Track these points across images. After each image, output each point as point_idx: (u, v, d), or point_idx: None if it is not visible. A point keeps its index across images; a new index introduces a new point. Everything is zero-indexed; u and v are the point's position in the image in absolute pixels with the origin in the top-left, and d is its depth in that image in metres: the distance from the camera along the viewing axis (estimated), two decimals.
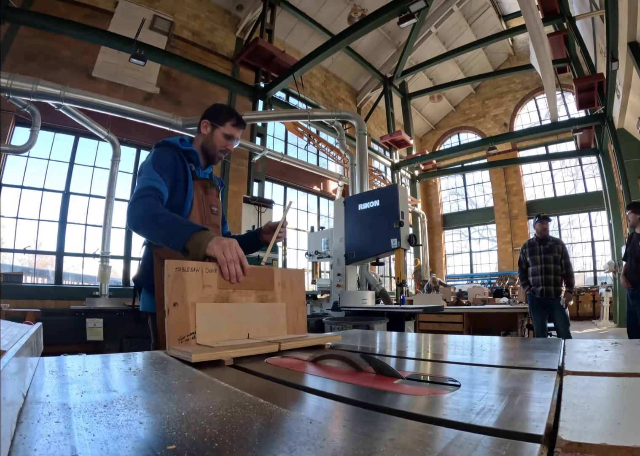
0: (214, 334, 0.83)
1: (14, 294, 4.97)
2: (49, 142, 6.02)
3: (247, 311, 0.91)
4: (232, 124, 1.40)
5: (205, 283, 0.85)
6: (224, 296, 0.88)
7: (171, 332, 0.76)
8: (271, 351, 0.75)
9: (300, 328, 1.02)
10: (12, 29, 5.34)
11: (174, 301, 0.78)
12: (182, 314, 0.79)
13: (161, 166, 1.25)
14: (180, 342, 0.77)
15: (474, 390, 0.45)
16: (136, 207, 1.10)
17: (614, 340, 0.81)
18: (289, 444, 0.30)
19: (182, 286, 0.80)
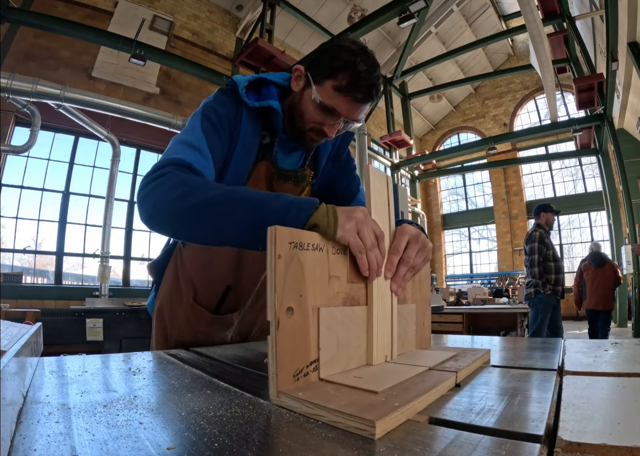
0: (342, 359, 0.49)
1: (14, 294, 4.97)
2: (48, 142, 6.03)
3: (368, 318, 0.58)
4: (338, 85, 0.74)
5: (332, 272, 0.50)
6: (355, 295, 0.53)
7: (282, 363, 0.41)
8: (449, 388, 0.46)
9: (426, 339, 0.72)
10: (12, 29, 5.34)
11: (287, 305, 0.42)
12: (299, 328, 0.44)
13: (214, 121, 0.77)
14: (295, 379, 0.43)
15: (473, 390, 0.45)
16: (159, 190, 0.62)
17: (614, 340, 0.81)
18: (288, 444, 0.30)
19: (301, 277, 0.45)
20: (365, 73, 0.74)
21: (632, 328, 6.09)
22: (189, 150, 0.71)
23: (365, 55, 0.75)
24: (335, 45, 0.77)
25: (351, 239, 0.51)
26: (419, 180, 12.03)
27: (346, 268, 0.52)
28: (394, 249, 0.58)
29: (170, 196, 0.60)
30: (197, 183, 0.61)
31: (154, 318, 0.99)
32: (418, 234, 0.61)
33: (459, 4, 10.20)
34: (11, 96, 4.56)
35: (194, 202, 0.58)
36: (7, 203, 5.61)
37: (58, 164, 6.16)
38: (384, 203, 0.60)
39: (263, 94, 0.82)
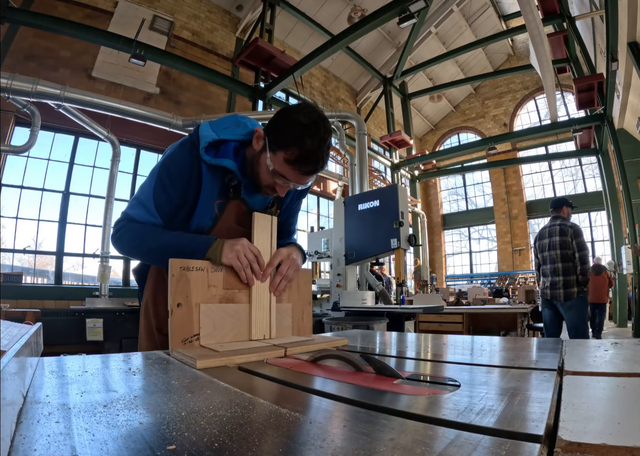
0: (218, 335, 0.81)
1: (14, 294, 4.97)
2: (48, 142, 6.03)
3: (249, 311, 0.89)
4: (288, 158, 0.85)
5: (211, 282, 0.82)
6: (229, 296, 0.85)
7: (174, 333, 0.74)
8: (277, 357, 0.73)
9: (306, 330, 1.00)
10: (12, 29, 5.35)
11: (177, 302, 0.76)
12: (186, 315, 0.77)
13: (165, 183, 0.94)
14: (183, 344, 0.75)
15: (473, 390, 0.45)
16: (122, 241, 0.94)
17: (614, 340, 0.81)
18: (288, 444, 0.30)
19: (187, 286, 0.78)
20: (312, 149, 0.84)
21: (632, 328, 6.09)
22: (139, 208, 0.94)
23: (317, 128, 0.84)
24: (290, 117, 0.86)
25: (232, 262, 0.84)
26: (419, 180, 12.04)
27: (221, 280, 0.84)
28: (269, 264, 0.91)
29: (131, 244, 0.94)
30: (146, 235, 0.91)
31: (141, 315, 1.10)
32: (289, 255, 0.94)
33: (459, 4, 10.20)
34: (11, 96, 4.56)
35: (146, 249, 0.92)
36: (7, 203, 5.61)
37: (58, 164, 6.16)
38: (267, 237, 0.94)
39: (221, 151, 0.95)
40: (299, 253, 1.01)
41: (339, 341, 0.89)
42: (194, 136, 0.96)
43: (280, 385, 0.52)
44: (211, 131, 0.96)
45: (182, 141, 0.98)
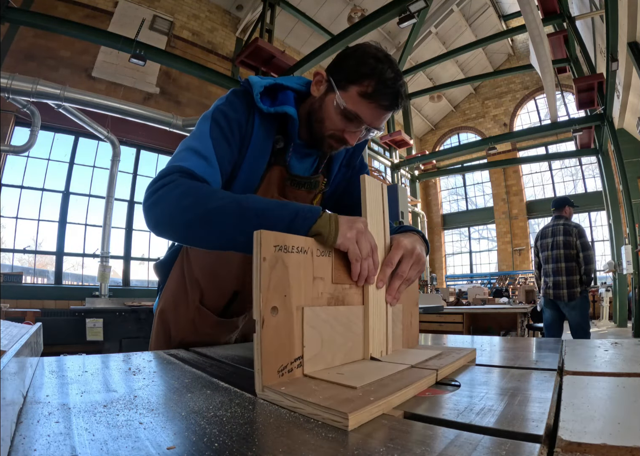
0: (327, 357, 0.52)
1: (14, 294, 4.97)
2: (48, 142, 6.03)
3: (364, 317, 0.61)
4: (364, 91, 0.72)
5: (317, 273, 0.53)
6: (340, 295, 0.56)
7: (266, 359, 0.44)
8: (430, 385, 0.49)
9: (414, 339, 0.75)
10: (12, 29, 5.34)
11: (272, 305, 0.45)
12: (283, 327, 0.46)
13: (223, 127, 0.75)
14: (280, 375, 0.45)
15: (473, 390, 0.45)
16: (166, 200, 0.62)
17: (614, 340, 0.81)
18: (287, 443, 0.30)
19: (285, 278, 0.47)
20: (392, 80, 0.72)
21: (632, 328, 6.09)
22: (196, 158, 0.70)
23: (391, 63, 0.74)
24: (360, 50, 0.75)
25: (350, 246, 0.55)
26: (419, 180, 12.03)
27: (330, 269, 0.55)
28: (387, 262, 0.63)
29: (180, 205, 0.61)
30: (205, 192, 0.62)
31: (155, 319, 0.96)
32: (413, 249, 0.65)
33: (459, 4, 10.20)
34: (11, 96, 4.56)
35: (204, 211, 0.59)
36: (7, 203, 5.61)
37: (58, 164, 6.16)
38: (379, 212, 0.65)
39: (279, 98, 0.80)
40: (422, 244, 0.72)
41: (470, 354, 0.64)
42: (244, 84, 0.81)
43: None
44: (264, 79, 0.81)
45: (233, 90, 0.81)
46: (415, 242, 0.68)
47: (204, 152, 0.71)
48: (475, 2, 10.70)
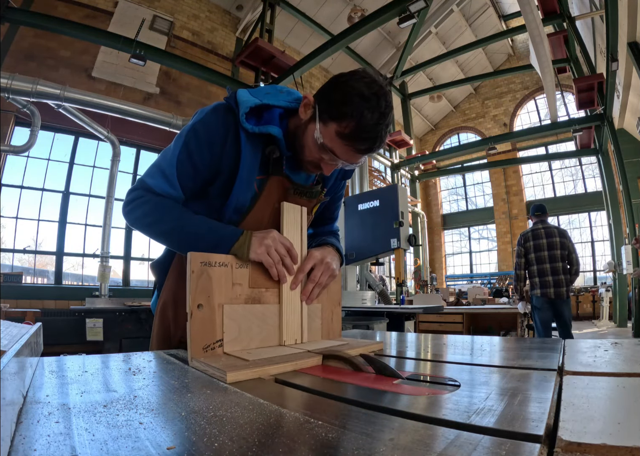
0: (244, 341, 0.71)
1: (14, 294, 4.97)
2: (48, 142, 6.02)
3: (280, 313, 0.79)
4: (342, 132, 0.73)
5: (235, 280, 0.72)
6: (256, 296, 0.75)
7: (194, 339, 0.64)
8: (313, 365, 0.64)
9: (335, 332, 0.92)
10: (12, 29, 5.34)
11: (198, 303, 0.65)
12: (207, 318, 0.66)
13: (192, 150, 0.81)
14: (204, 351, 0.65)
15: (473, 390, 0.45)
16: (134, 215, 0.83)
17: (614, 340, 0.81)
18: (288, 444, 0.30)
19: (209, 284, 0.67)
20: (371, 125, 0.71)
21: (632, 328, 6.09)
22: (160, 178, 0.82)
23: (378, 101, 0.71)
24: (348, 84, 0.73)
25: (262, 258, 0.74)
26: (419, 180, 12.03)
27: (248, 277, 0.74)
28: (300, 269, 0.81)
29: (144, 222, 0.82)
30: (160, 214, 0.80)
31: (155, 318, 0.98)
32: (323, 258, 0.83)
33: (459, 4, 10.19)
34: (11, 96, 4.56)
35: (159, 231, 0.82)
36: (7, 203, 5.61)
37: (58, 164, 6.16)
38: (297, 232, 0.84)
39: (264, 117, 0.82)
40: (335, 255, 0.88)
41: (375, 345, 0.80)
42: (230, 100, 0.82)
43: (278, 384, 0.52)
44: (251, 97, 0.82)
45: (215, 106, 0.83)
46: (326, 253, 0.85)
47: (167, 173, 0.81)
48: (475, 2, 10.70)
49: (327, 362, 0.66)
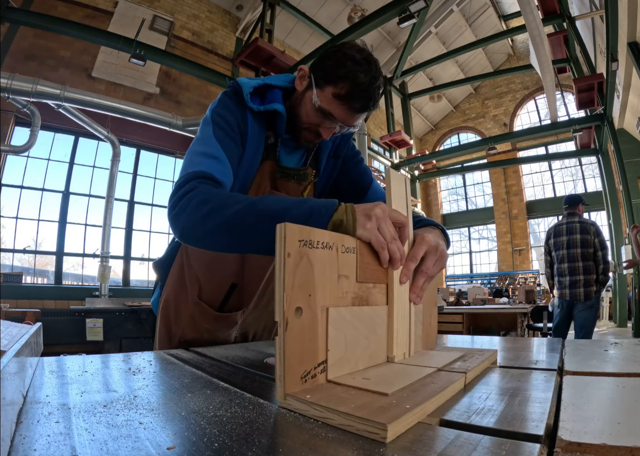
0: (350, 360, 0.48)
1: (14, 294, 4.97)
2: (48, 142, 6.02)
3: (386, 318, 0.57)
4: (338, 93, 0.76)
5: (342, 271, 0.48)
6: (364, 294, 0.52)
7: (290, 364, 0.40)
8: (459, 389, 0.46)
9: (433, 339, 0.72)
10: (12, 29, 5.34)
11: (296, 305, 0.41)
12: (307, 329, 0.42)
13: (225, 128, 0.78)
14: (303, 381, 0.41)
15: (473, 390, 0.45)
16: (188, 208, 0.65)
17: (614, 340, 0.81)
18: (287, 444, 0.30)
19: (310, 276, 0.43)
20: (365, 85, 0.76)
21: (632, 328, 6.09)
22: (208, 160, 0.73)
23: (369, 65, 0.77)
24: (341, 51, 0.78)
25: (372, 237, 0.53)
26: (419, 180, 12.03)
27: (355, 267, 0.51)
28: (411, 257, 0.60)
29: (198, 215, 0.63)
30: (221, 199, 0.63)
31: (158, 316, 0.99)
32: (437, 245, 0.63)
33: (459, 4, 10.19)
34: (11, 96, 4.57)
35: (222, 219, 0.61)
36: (7, 203, 5.61)
37: (58, 164, 6.16)
38: (403, 207, 0.63)
39: (268, 97, 0.84)
40: (444, 239, 0.71)
41: (492, 356, 0.61)
42: (234, 85, 0.85)
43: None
44: (252, 80, 0.86)
45: (224, 91, 0.86)
46: (438, 238, 0.66)
47: (214, 154, 0.74)
48: (475, 2, 10.70)
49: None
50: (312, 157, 0.95)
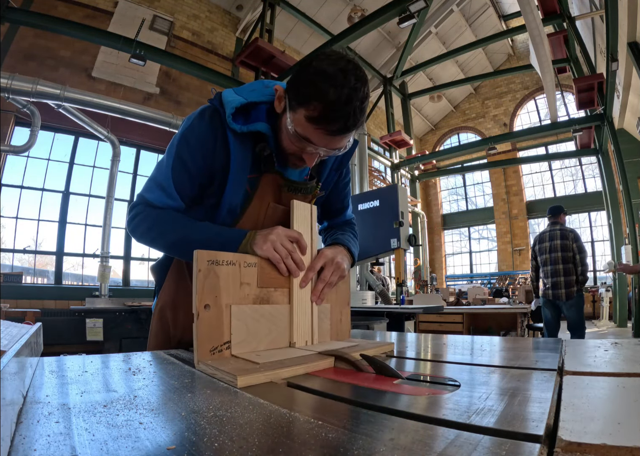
0: (252, 343, 0.68)
1: (14, 294, 4.97)
2: (48, 142, 6.02)
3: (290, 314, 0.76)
4: (310, 115, 0.69)
5: (243, 280, 0.69)
6: (265, 296, 0.72)
7: (201, 341, 0.61)
8: (325, 367, 0.62)
9: (344, 333, 0.89)
10: (12, 29, 5.34)
11: (205, 303, 0.62)
12: (214, 319, 0.63)
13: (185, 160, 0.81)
14: (212, 354, 0.62)
15: (473, 390, 0.45)
16: (139, 231, 0.84)
17: (614, 340, 0.81)
18: (287, 444, 0.30)
19: (216, 283, 0.64)
20: (339, 103, 0.66)
21: (632, 328, 6.09)
22: (157, 190, 0.82)
23: (344, 78, 0.67)
24: (312, 66, 0.69)
25: (268, 254, 0.72)
26: (419, 180, 12.03)
27: (256, 276, 0.71)
28: (310, 267, 0.78)
29: (148, 237, 0.83)
30: (162, 227, 0.80)
31: (153, 319, 0.97)
32: (334, 258, 0.81)
33: (459, 4, 10.19)
34: (11, 96, 4.56)
35: (165, 243, 0.82)
36: (7, 203, 5.61)
37: (58, 164, 6.16)
38: (307, 230, 0.82)
39: (252, 115, 0.80)
40: (345, 255, 0.87)
41: (386, 346, 0.77)
42: (215, 102, 0.81)
43: (279, 384, 0.52)
44: (236, 95, 0.80)
45: (201, 110, 0.82)
46: (337, 253, 0.83)
47: (164, 185, 0.82)
48: (475, 2, 10.70)
49: (338, 364, 0.65)
50: (314, 168, 0.92)
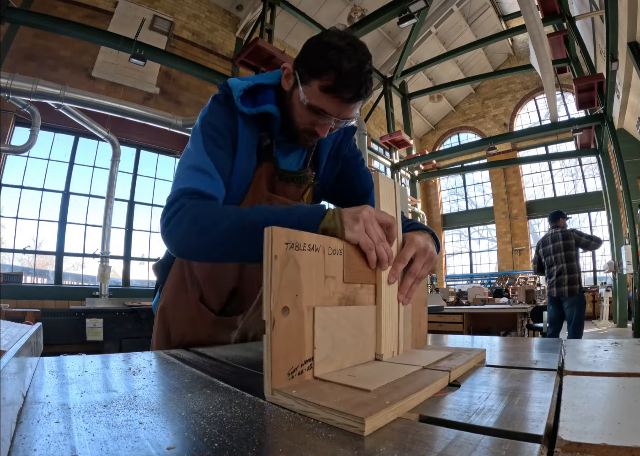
0: (336, 358, 0.50)
1: (14, 294, 4.97)
2: (48, 142, 6.02)
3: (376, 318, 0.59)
4: (325, 85, 0.72)
5: (328, 272, 0.51)
6: (351, 294, 0.54)
7: (277, 361, 0.42)
8: (442, 387, 0.47)
9: (423, 339, 0.73)
10: (12, 29, 5.34)
11: (283, 305, 0.43)
12: (295, 328, 0.44)
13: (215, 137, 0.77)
14: (290, 377, 0.43)
15: (473, 390, 0.45)
16: (181, 225, 0.66)
17: (614, 340, 0.81)
18: (287, 444, 0.30)
19: (296, 277, 0.45)
20: (352, 72, 0.71)
21: (632, 328, 6.09)
22: (198, 175, 0.73)
23: (354, 50, 0.72)
24: (321, 41, 0.74)
25: (360, 239, 0.55)
26: (419, 180, 12.03)
27: (342, 268, 0.53)
28: (400, 258, 0.61)
29: (191, 233, 0.65)
30: (212, 215, 0.65)
31: (156, 318, 0.97)
32: (426, 247, 0.65)
33: (459, 4, 10.19)
34: (11, 96, 4.56)
35: (214, 236, 0.63)
36: (7, 203, 5.61)
37: (58, 164, 6.16)
38: (392, 210, 0.64)
39: (259, 99, 0.81)
40: (434, 242, 0.72)
41: (480, 355, 0.63)
42: (223, 87, 0.82)
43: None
44: (243, 81, 0.82)
45: (213, 97, 0.83)
46: (427, 240, 0.68)
47: (204, 168, 0.73)
48: (475, 2, 10.69)
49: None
50: (311, 158, 0.93)
